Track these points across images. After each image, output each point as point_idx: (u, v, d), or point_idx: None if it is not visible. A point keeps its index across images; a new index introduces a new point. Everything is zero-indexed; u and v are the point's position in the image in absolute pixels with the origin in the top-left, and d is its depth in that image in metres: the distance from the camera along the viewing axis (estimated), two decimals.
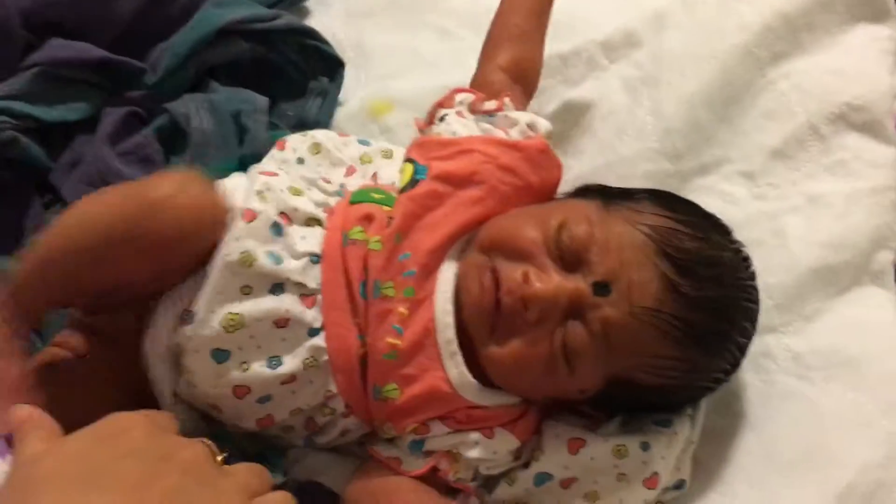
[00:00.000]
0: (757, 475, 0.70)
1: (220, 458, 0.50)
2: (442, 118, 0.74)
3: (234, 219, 0.65)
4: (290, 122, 0.90)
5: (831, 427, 0.71)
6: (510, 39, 0.80)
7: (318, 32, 0.95)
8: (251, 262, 0.63)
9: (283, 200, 0.67)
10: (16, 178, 0.80)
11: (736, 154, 0.87)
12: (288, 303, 0.64)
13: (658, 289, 0.63)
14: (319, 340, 0.65)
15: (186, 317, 0.64)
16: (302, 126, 0.88)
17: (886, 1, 0.93)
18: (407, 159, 0.72)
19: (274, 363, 0.64)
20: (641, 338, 0.63)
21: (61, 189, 0.81)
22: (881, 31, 0.91)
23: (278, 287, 0.64)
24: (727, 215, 0.74)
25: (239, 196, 0.67)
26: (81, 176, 0.80)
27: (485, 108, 0.74)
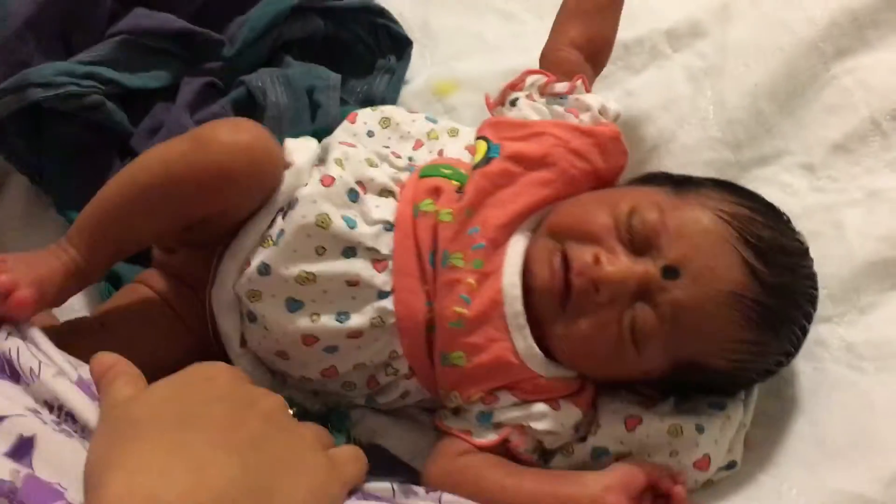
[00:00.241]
0: (807, 459, 0.71)
1: (291, 411, 0.53)
2: (513, 102, 0.76)
3: (296, 174, 0.68)
4: (359, 99, 0.93)
5: (882, 415, 0.72)
6: (585, 14, 0.80)
7: (387, 11, 0.98)
8: (327, 225, 0.66)
9: (360, 170, 0.70)
10: (99, 141, 0.84)
11: (797, 146, 0.88)
12: (359, 266, 0.67)
13: (739, 274, 0.65)
14: (388, 303, 0.68)
15: (263, 269, 0.67)
16: (370, 102, 0.90)
17: None
18: (480, 137, 0.74)
19: (342, 318, 0.67)
20: (715, 321, 0.65)
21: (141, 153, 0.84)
22: None
23: (351, 250, 0.68)
24: (786, 206, 0.75)
25: (302, 156, 0.71)
26: (161, 141, 0.83)
27: (556, 90, 0.76)
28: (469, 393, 0.68)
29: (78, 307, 0.81)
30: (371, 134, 0.78)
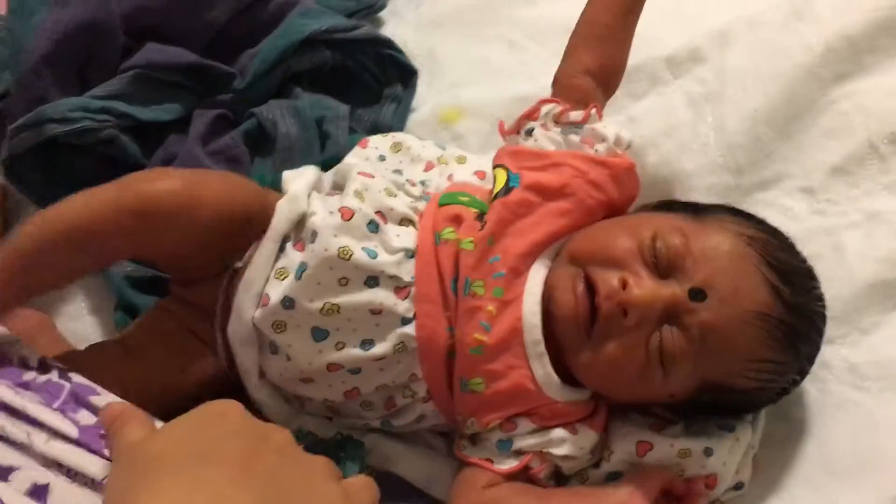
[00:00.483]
0: (814, 480, 0.73)
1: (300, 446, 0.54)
2: (529, 131, 0.78)
3: (291, 201, 0.71)
4: (366, 128, 0.95)
5: (887, 435, 0.73)
6: (598, 39, 0.81)
7: (393, 42, 1.00)
8: (349, 256, 0.68)
9: (379, 200, 0.72)
10: (113, 173, 0.84)
11: (796, 170, 0.89)
12: (382, 295, 0.69)
13: (764, 294, 0.67)
14: (410, 329, 0.69)
15: (287, 303, 0.69)
16: (377, 131, 0.92)
17: None
18: (498, 165, 0.75)
19: (367, 346, 0.69)
20: (742, 341, 0.67)
21: None
22: None
23: (373, 280, 0.69)
24: (787, 229, 0.77)
25: (296, 184, 0.73)
26: None
27: (571, 118, 0.77)
28: (487, 419, 0.70)
29: (94, 337, 0.82)
30: (383, 158, 0.80)
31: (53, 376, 0.62)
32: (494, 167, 0.76)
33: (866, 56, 0.92)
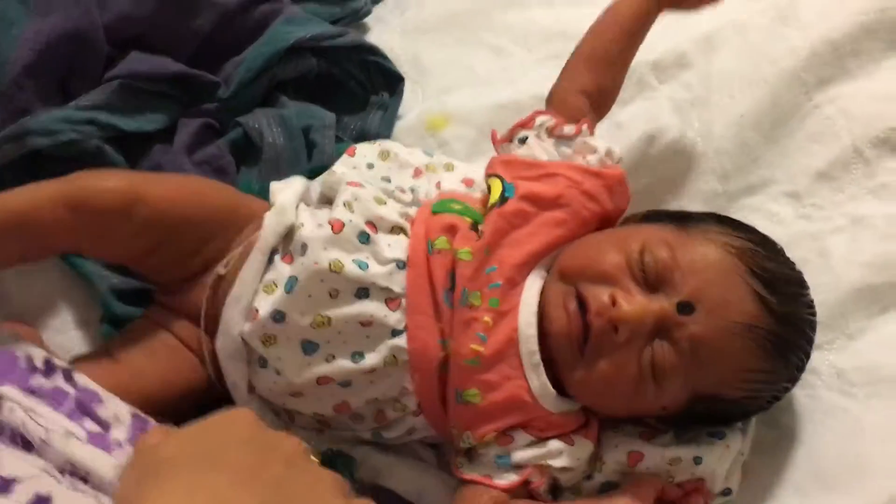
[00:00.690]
0: (803, 486, 0.73)
1: (314, 457, 0.54)
2: (523, 140, 0.78)
3: (279, 213, 0.72)
4: (353, 136, 0.94)
5: (873, 441, 0.74)
6: (598, 62, 0.81)
7: (378, 49, 0.99)
8: (340, 269, 0.68)
9: (370, 210, 0.72)
10: None
11: (782, 175, 0.90)
12: (373, 307, 0.69)
13: (751, 305, 0.68)
14: (401, 341, 0.69)
15: (277, 317, 0.69)
16: (363, 139, 0.92)
17: None
18: (492, 174, 0.76)
19: (357, 358, 0.69)
20: (732, 352, 0.67)
21: None
22: None
23: (364, 291, 0.69)
24: (774, 235, 0.77)
25: (283, 195, 0.74)
26: None
27: (564, 132, 0.77)
28: (482, 431, 0.70)
29: (81, 350, 0.81)
30: (371, 166, 0.79)
31: (59, 381, 0.63)
32: (488, 176, 0.76)
33: (849, 60, 0.93)
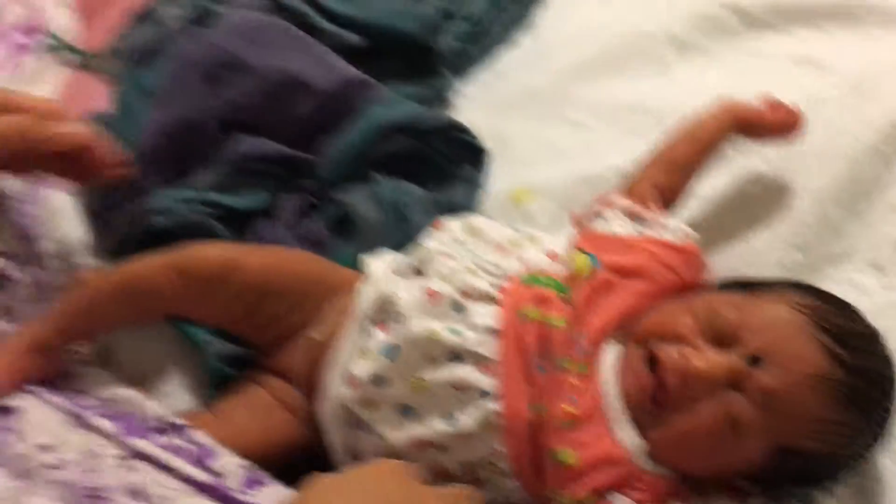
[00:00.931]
0: None
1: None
2: (601, 216, 0.84)
3: (374, 283, 0.78)
4: (439, 209, 0.98)
5: None
6: (675, 165, 0.88)
7: (463, 125, 1.04)
8: (435, 337, 0.73)
9: (462, 280, 0.77)
10: None
11: (865, 246, 0.91)
12: (467, 371, 0.73)
13: (819, 358, 0.70)
14: (494, 404, 0.73)
15: (377, 381, 0.74)
16: (449, 212, 0.95)
17: None
18: (578, 248, 0.81)
19: (452, 421, 0.73)
20: (805, 403, 0.70)
21: None
22: None
23: (457, 356, 0.74)
24: (858, 305, 0.78)
25: (377, 267, 0.80)
26: None
27: (639, 212, 0.83)
28: (579, 491, 0.72)
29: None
30: (458, 240, 0.84)
31: (175, 436, 0.69)
32: (574, 250, 0.81)
33: None
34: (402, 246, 0.89)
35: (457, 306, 0.75)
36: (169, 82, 0.91)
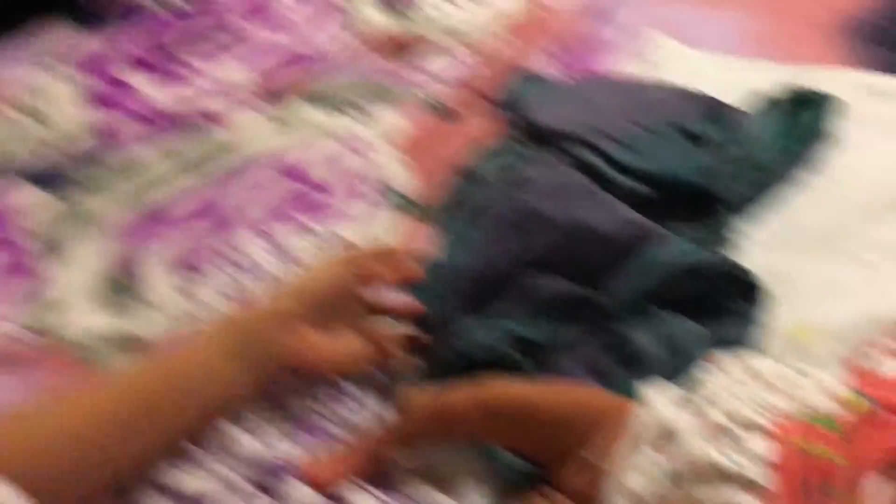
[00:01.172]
0: None
1: None
2: (877, 357, 0.86)
3: (649, 412, 0.83)
4: (714, 344, 1.02)
5: None
6: None
7: (740, 265, 1.08)
8: (711, 461, 0.77)
9: (738, 412, 0.80)
10: None
11: None
12: (739, 496, 0.75)
13: None
14: None
15: (654, 500, 0.79)
16: (723, 346, 1.00)
17: None
18: (856, 389, 0.82)
19: None
20: None
21: None
22: None
23: (731, 481, 0.76)
24: None
25: (656, 397, 0.85)
26: None
27: None
28: None
29: None
30: (732, 375, 0.89)
31: None
32: (851, 391, 0.83)
33: None
34: (676, 377, 0.93)
35: (733, 436, 0.79)
36: (485, 234, 1.08)
